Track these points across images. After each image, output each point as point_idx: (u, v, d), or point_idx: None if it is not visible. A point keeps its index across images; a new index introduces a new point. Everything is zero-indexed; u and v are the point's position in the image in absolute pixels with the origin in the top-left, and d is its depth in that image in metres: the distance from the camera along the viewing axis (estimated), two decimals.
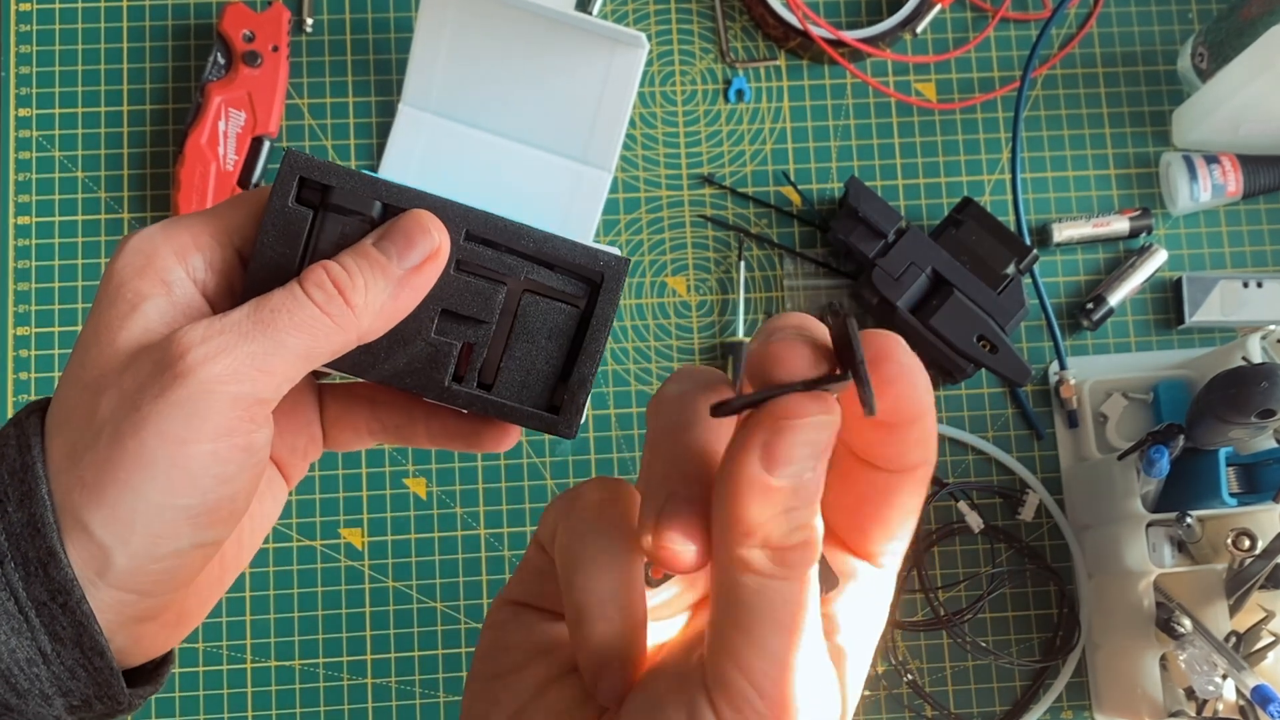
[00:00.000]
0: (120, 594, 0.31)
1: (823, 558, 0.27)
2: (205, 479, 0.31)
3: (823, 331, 0.26)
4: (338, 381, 0.39)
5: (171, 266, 0.32)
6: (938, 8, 0.81)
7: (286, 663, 0.75)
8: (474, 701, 0.30)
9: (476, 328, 0.35)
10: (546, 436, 0.78)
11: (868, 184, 0.79)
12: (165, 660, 0.35)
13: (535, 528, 0.35)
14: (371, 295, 0.33)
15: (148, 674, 0.34)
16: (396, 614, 0.76)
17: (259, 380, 0.31)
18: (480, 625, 0.73)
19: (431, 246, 0.33)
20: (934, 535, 0.78)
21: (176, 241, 0.33)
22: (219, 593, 0.36)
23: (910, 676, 0.77)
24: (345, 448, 0.39)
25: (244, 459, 0.31)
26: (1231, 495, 0.67)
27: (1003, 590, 0.78)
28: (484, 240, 0.35)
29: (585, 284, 0.35)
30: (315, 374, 0.38)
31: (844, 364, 0.25)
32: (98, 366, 0.31)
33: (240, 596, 0.76)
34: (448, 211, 0.34)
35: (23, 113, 0.80)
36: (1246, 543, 0.67)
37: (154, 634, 0.33)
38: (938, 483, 0.78)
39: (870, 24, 0.82)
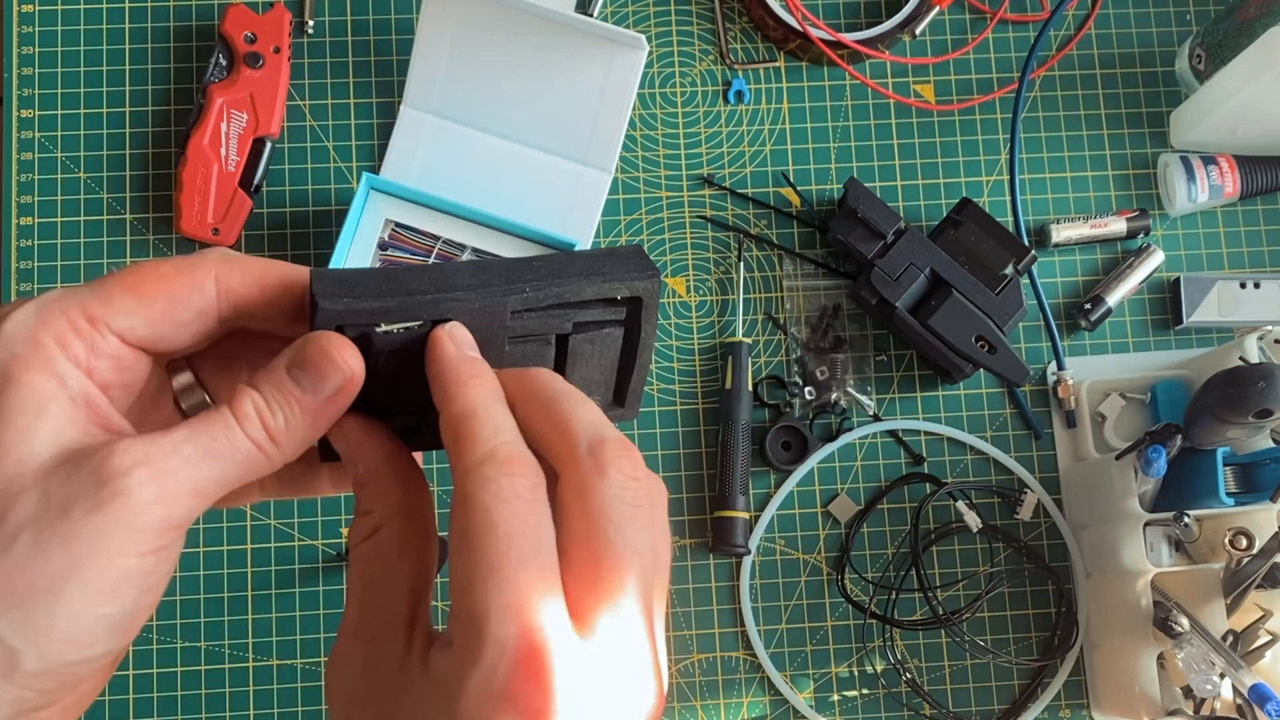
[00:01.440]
0: (21, 692, 0.31)
1: None
2: (129, 590, 0.31)
3: None
4: None
5: (56, 357, 0.32)
6: (936, 9, 0.81)
7: (288, 661, 0.76)
8: None
9: None
10: None
11: (867, 185, 0.79)
12: None
13: None
14: (291, 428, 0.32)
15: None
16: None
17: (192, 504, 0.31)
18: None
19: (343, 379, 0.33)
20: (932, 535, 0.78)
21: (55, 328, 0.32)
22: (111, 673, 0.36)
23: (909, 675, 0.77)
24: (230, 505, 0.38)
25: (166, 569, 0.32)
26: (1229, 495, 0.68)
27: (1001, 589, 0.78)
28: (527, 309, 0.34)
29: (626, 305, 0.36)
30: None
31: None
32: (4, 470, 0.30)
33: (242, 596, 0.76)
34: (491, 300, 0.33)
35: (25, 113, 0.81)
36: (1244, 542, 0.67)
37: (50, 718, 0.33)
38: (936, 482, 0.78)
39: (869, 26, 0.83)
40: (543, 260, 0.34)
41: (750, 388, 0.78)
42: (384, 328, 0.33)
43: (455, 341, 0.34)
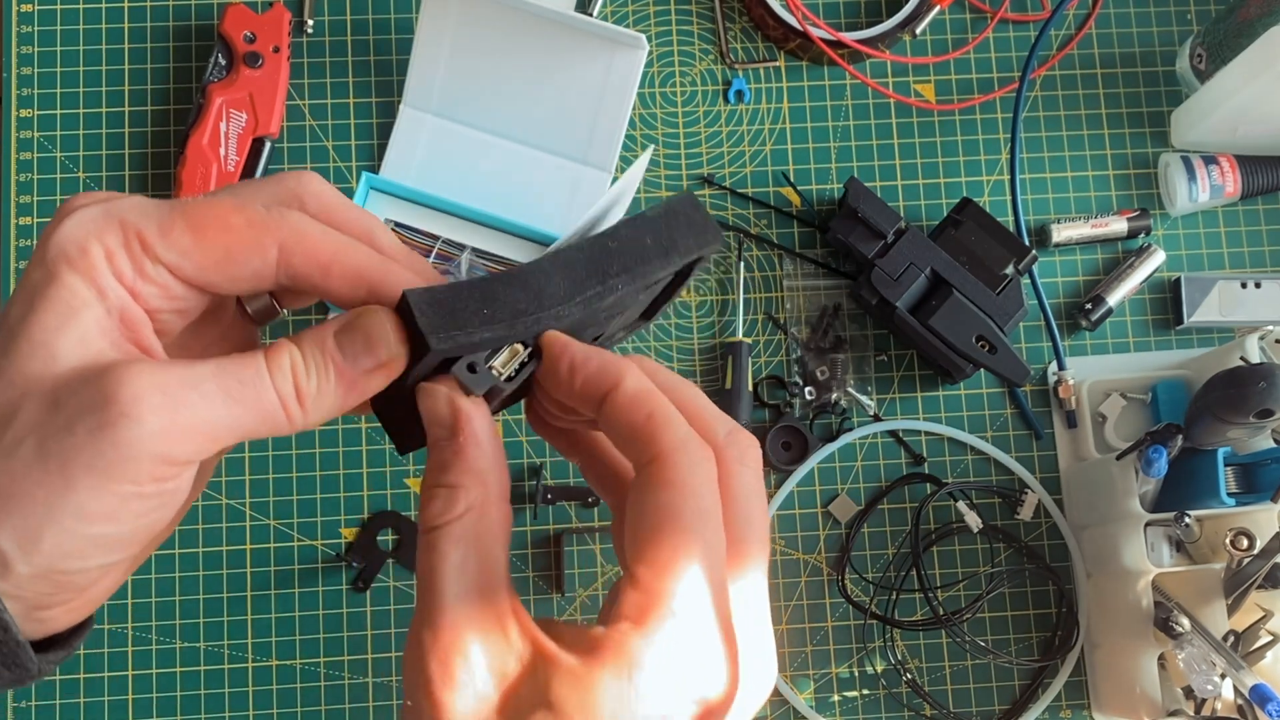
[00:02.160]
0: (18, 591, 0.30)
1: None
2: (124, 515, 0.30)
3: None
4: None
5: (101, 267, 0.31)
6: (937, 9, 0.81)
7: (288, 661, 0.76)
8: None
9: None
10: None
11: (867, 184, 0.79)
12: (80, 626, 0.34)
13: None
14: (323, 396, 0.32)
15: (61, 640, 0.33)
16: (397, 613, 0.76)
17: (200, 444, 0.30)
18: None
19: (389, 355, 0.32)
20: (933, 535, 0.78)
21: (108, 240, 0.31)
22: (130, 572, 0.35)
23: (909, 675, 0.77)
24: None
25: (167, 500, 0.31)
26: (1230, 495, 0.68)
27: (1001, 590, 0.78)
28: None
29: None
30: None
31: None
32: (26, 367, 0.30)
33: (241, 596, 0.76)
34: (591, 307, 0.34)
35: (24, 113, 0.81)
36: (1245, 542, 0.67)
37: (56, 618, 0.33)
38: (936, 482, 0.78)
39: (869, 25, 0.82)
40: (617, 240, 0.34)
41: (750, 388, 0.78)
42: (499, 373, 0.33)
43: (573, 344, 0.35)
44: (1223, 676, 0.66)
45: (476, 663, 0.30)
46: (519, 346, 0.34)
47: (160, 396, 0.29)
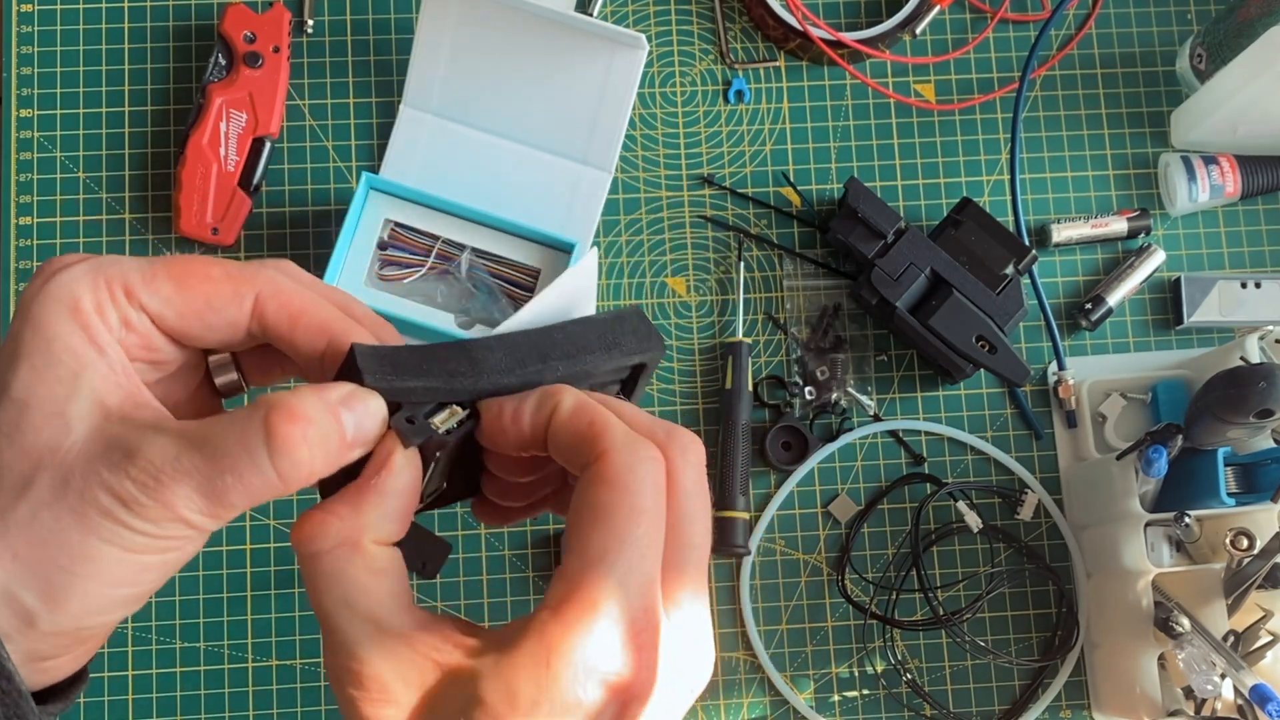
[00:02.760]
0: (35, 645, 0.31)
1: None
2: (147, 576, 0.31)
3: None
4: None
5: (96, 324, 0.32)
6: (937, 9, 0.81)
7: (288, 661, 0.76)
8: None
9: None
10: None
11: (867, 184, 0.79)
12: (77, 679, 0.35)
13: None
14: (323, 469, 0.32)
15: (60, 692, 0.34)
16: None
17: (223, 514, 0.31)
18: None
19: (372, 436, 0.33)
20: (933, 535, 0.78)
21: (97, 295, 0.32)
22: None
23: (909, 676, 0.77)
24: None
25: (181, 560, 0.32)
26: (1230, 495, 0.68)
27: (1001, 590, 0.78)
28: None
29: (631, 368, 0.38)
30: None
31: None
32: (40, 439, 0.31)
33: (241, 596, 0.76)
34: (527, 380, 0.35)
35: (24, 113, 0.81)
36: (1245, 542, 0.67)
37: (60, 666, 0.33)
38: (936, 482, 0.78)
39: (869, 25, 0.82)
40: (563, 332, 0.36)
41: (750, 388, 0.78)
42: (436, 427, 0.34)
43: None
44: (1223, 676, 0.66)
45: (390, 682, 0.31)
46: (457, 408, 0.35)
47: (183, 468, 0.30)
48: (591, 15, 0.81)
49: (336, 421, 0.32)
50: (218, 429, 0.31)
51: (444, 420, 0.34)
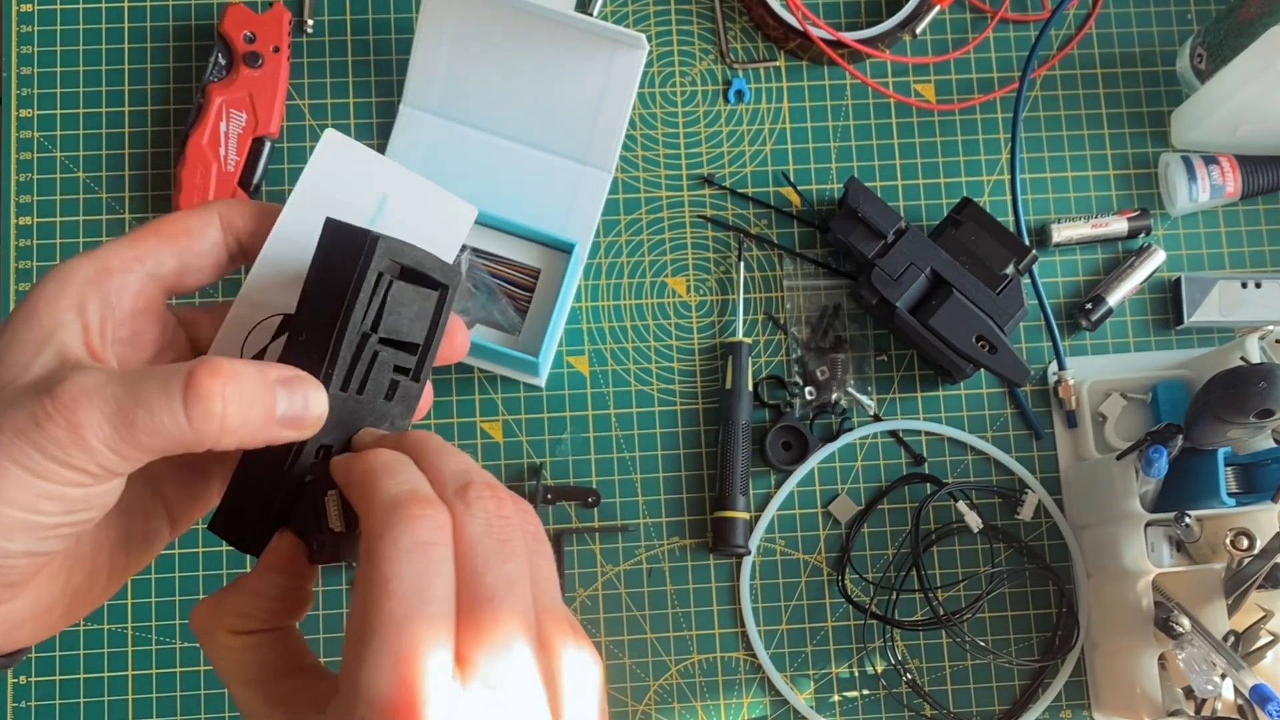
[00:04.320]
0: None
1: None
2: (46, 506, 0.31)
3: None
4: None
5: (86, 292, 0.34)
6: (937, 9, 0.81)
7: None
8: None
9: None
10: (547, 437, 0.78)
11: (867, 184, 0.79)
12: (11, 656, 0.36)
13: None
14: (244, 430, 0.32)
15: None
16: None
17: (124, 455, 0.31)
18: None
19: (313, 426, 0.34)
20: (933, 535, 0.78)
21: (92, 267, 0.35)
22: (77, 613, 0.37)
23: (909, 676, 0.77)
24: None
25: (85, 502, 0.32)
26: (1230, 495, 0.68)
27: (1002, 590, 0.78)
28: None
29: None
30: None
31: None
32: (3, 380, 0.33)
33: None
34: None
35: (24, 113, 0.81)
36: (1245, 542, 0.67)
37: None
38: (936, 482, 0.78)
39: (869, 25, 0.82)
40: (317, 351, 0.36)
41: (750, 388, 0.78)
42: (336, 527, 0.35)
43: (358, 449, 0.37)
44: (1223, 676, 0.66)
45: None
46: (333, 493, 0.35)
47: (101, 395, 0.31)
48: (591, 15, 0.81)
49: (267, 392, 0.32)
50: (147, 371, 0.32)
51: (336, 518, 0.35)
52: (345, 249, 0.34)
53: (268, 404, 0.33)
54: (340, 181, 0.35)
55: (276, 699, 0.34)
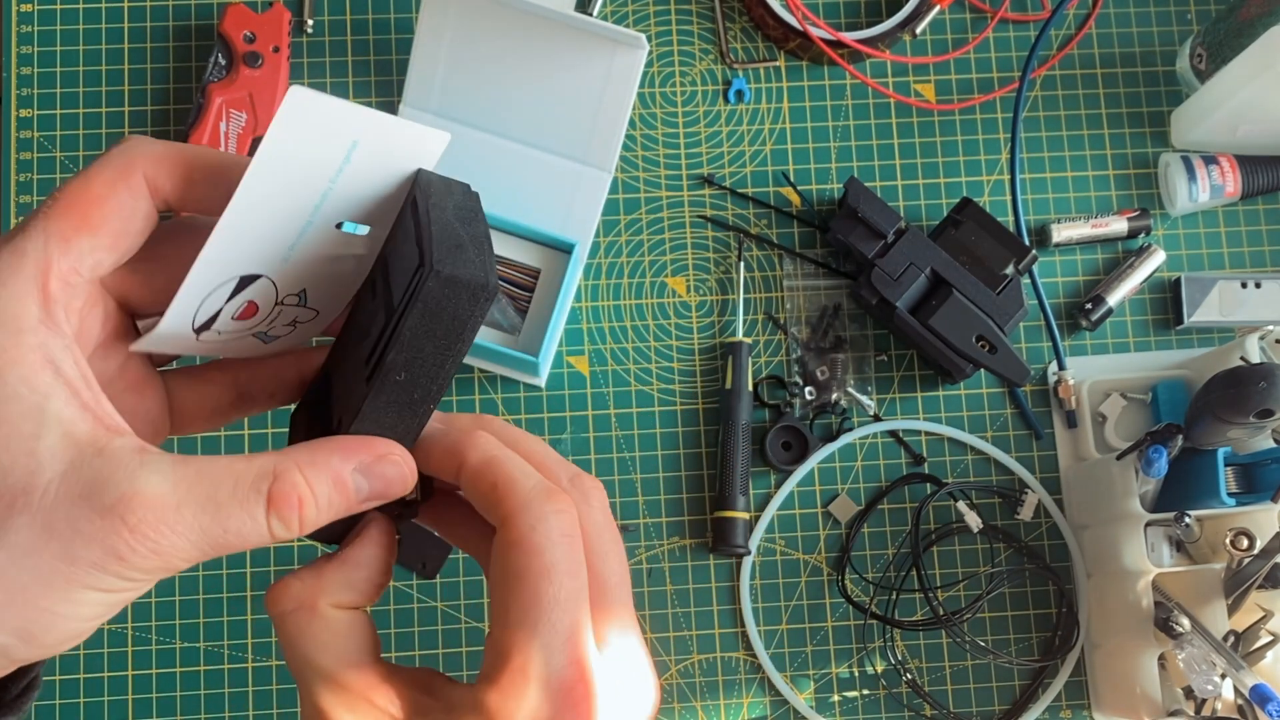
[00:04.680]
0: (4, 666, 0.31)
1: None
2: (120, 606, 0.32)
3: None
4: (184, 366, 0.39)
5: (46, 338, 0.30)
6: (937, 9, 0.81)
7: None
8: None
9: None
10: (547, 437, 0.78)
11: (867, 184, 0.79)
12: (29, 688, 0.36)
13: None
14: (322, 520, 0.33)
15: (11, 704, 0.35)
16: (397, 614, 0.76)
17: (197, 558, 0.31)
18: (483, 626, 0.73)
19: (397, 487, 0.34)
20: (933, 535, 0.78)
21: (34, 300, 0.30)
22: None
23: (909, 676, 0.77)
24: (195, 430, 0.40)
25: (150, 586, 0.32)
26: (1230, 495, 0.68)
27: (1002, 590, 0.78)
28: None
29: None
30: (155, 360, 0.38)
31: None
32: (7, 475, 0.29)
33: (241, 596, 0.76)
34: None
35: (24, 113, 0.81)
36: (1245, 542, 0.67)
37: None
38: (936, 482, 0.78)
39: (869, 25, 0.82)
40: (405, 370, 0.35)
41: (750, 388, 0.78)
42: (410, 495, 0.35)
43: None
44: (1223, 676, 0.66)
45: None
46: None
47: (184, 522, 0.30)
48: (591, 15, 0.81)
49: (346, 490, 0.33)
50: (223, 486, 0.30)
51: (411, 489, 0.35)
52: (458, 301, 0.33)
53: (347, 498, 0.33)
54: (307, 138, 0.33)
55: (379, 679, 0.33)
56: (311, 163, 0.34)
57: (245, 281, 0.35)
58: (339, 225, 0.36)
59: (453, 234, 0.34)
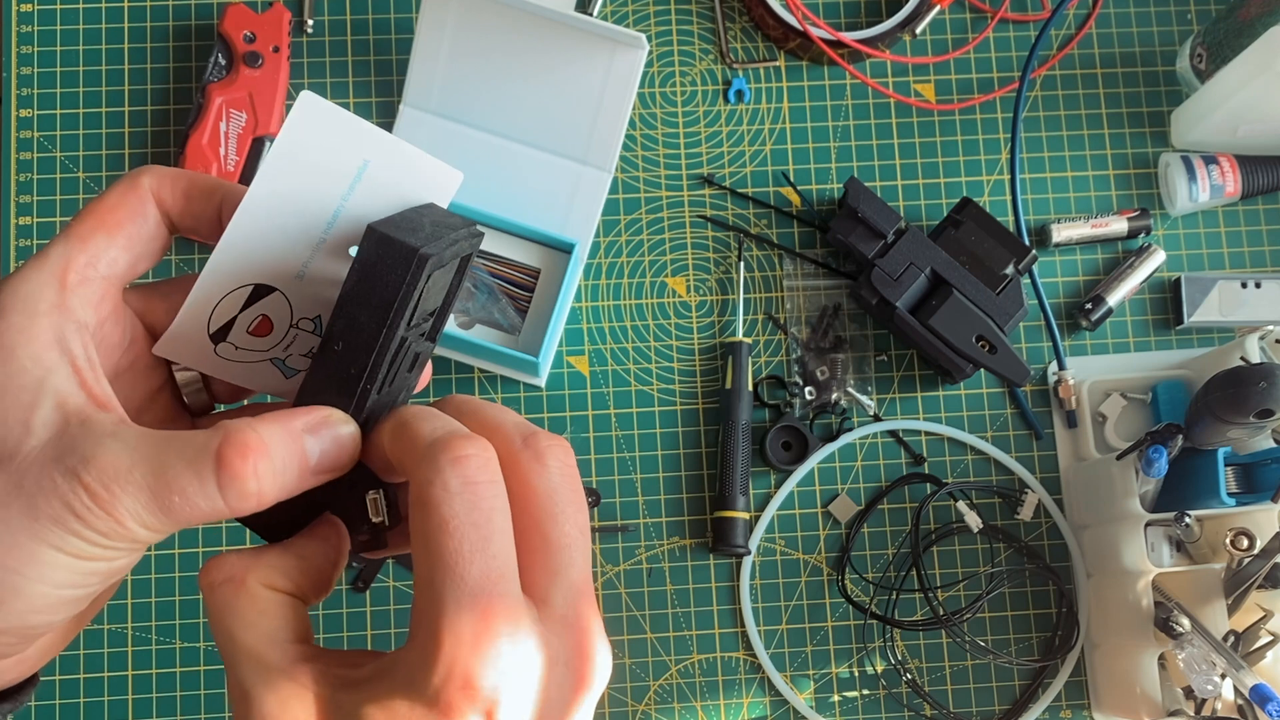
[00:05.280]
0: None
1: None
2: (91, 580, 0.32)
3: None
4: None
5: (59, 320, 0.32)
6: (937, 9, 0.81)
7: None
8: None
9: None
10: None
11: (867, 184, 0.79)
12: (28, 681, 0.36)
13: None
14: (278, 495, 0.32)
15: (10, 694, 0.35)
16: (397, 613, 0.76)
17: (170, 527, 0.31)
18: None
19: (348, 466, 0.34)
20: (933, 535, 0.78)
21: (51, 288, 0.32)
22: (79, 629, 0.37)
23: (909, 676, 0.77)
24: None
25: (127, 565, 0.32)
26: (1230, 495, 0.68)
27: (1002, 590, 0.78)
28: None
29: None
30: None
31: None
32: (3, 438, 0.31)
33: None
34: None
35: (24, 113, 0.81)
36: (1245, 542, 0.67)
37: (5, 670, 0.34)
38: (936, 482, 0.78)
39: (869, 25, 0.82)
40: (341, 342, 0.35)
41: (750, 388, 0.78)
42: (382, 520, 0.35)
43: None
44: (1223, 676, 0.66)
45: (274, 713, 0.31)
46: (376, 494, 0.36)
47: (134, 481, 0.30)
48: (591, 15, 0.81)
49: (298, 452, 0.32)
50: (173, 448, 0.31)
51: (376, 511, 0.35)
52: (390, 264, 0.33)
53: (300, 461, 0.32)
54: (318, 147, 0.33)
55: (301, 657, 0.33)
56: (321, 173, 0.34)
57: (259, 293, 0.36)
58: (351, 250, 0.36)
59: (414, 221, 0.34)
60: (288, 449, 0.32)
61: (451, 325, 0.77)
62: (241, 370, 0.38)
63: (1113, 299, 0.80)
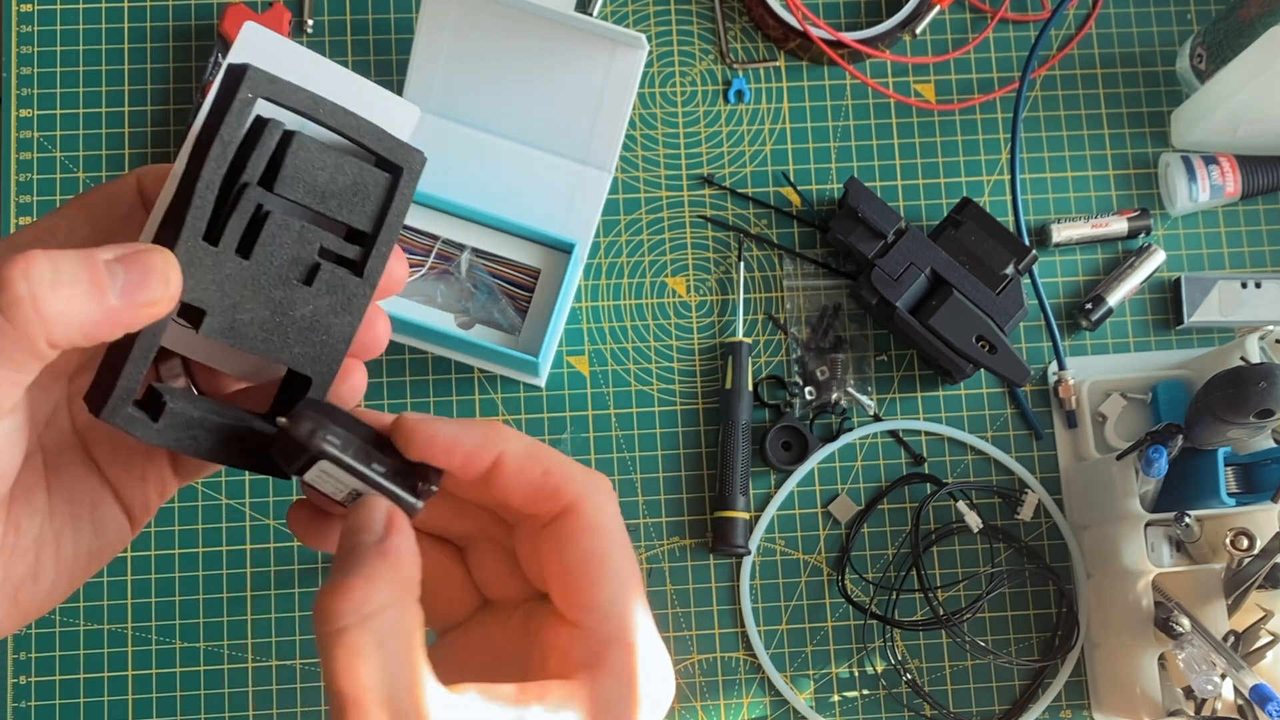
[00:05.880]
0: None
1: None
2: None
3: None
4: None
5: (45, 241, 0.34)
6: (937, 9, 0.81)
7: (288, 661, 0.76)
8: None
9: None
10: (547, 437, 0.78)
11: (867, 184, 0.79)
12: None
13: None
14: (72, 313, 0.29)
15: None
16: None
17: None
18: None
19: (161, 295, 0.31)
20: (933, 535, 0.78)
21: (42, 227, 0.34)
22: (27, 611, 0.35)
23: (909, 676, 0.77)
24: (203, 474, 0.39)
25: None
26: (1230, 495, 0.68)
27: (1002, 590, 0.78)
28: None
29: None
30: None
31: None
32: None
33: (241, 596, 0.76)
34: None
35: (24, 113, 0.81)
36: (1245, 542, 0.67)
37: None
38: (936, 482, 0.78)
39: (869, 25, 0.82)
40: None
41: (750, 388, 0.78)
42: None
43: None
44: (1223, 676, 0.66)
45: None
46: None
47: None
48: (591, 15, 0.81)
49: (91, 270, 0.29)
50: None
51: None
52: (223, 91, 0.30)
53: (95, 282, 0.29)
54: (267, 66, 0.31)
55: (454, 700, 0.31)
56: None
57: None
58: None
59: (313, 97, 0.33)
60: (76, 264, 0.29)
61: (451, 325, 0.77)
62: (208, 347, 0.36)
63: (1113, 299, 0.80)
